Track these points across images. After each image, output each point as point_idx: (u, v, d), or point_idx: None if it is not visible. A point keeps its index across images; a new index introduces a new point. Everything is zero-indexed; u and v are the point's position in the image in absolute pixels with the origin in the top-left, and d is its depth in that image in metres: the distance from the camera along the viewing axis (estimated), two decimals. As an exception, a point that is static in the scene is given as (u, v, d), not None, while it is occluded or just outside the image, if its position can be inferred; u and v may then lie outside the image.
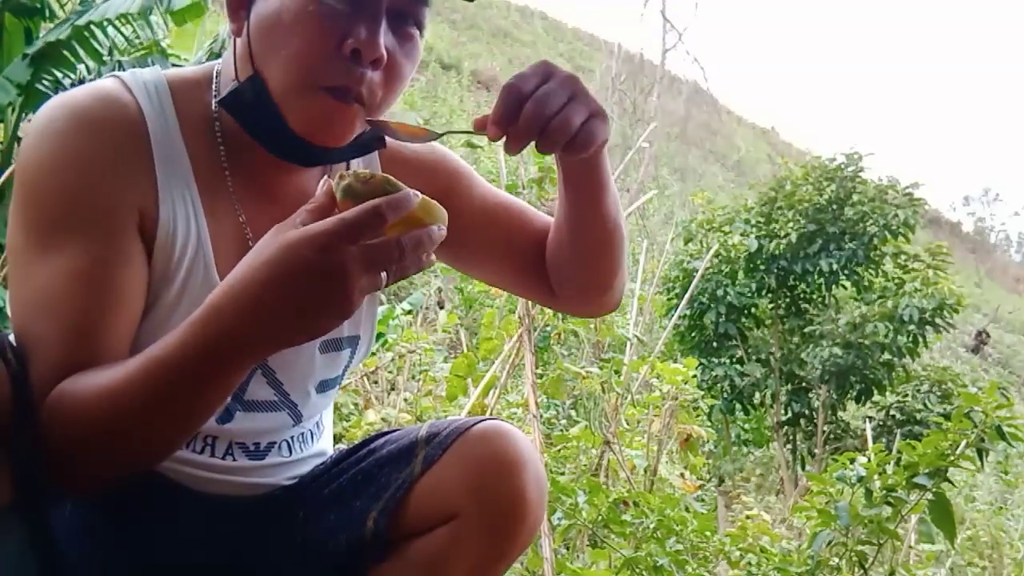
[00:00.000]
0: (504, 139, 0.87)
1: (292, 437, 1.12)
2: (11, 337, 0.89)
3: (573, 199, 1.04)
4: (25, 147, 0.92)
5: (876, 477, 2.22)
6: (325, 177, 0.78)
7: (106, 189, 0.91)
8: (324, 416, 1.20)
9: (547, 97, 0.86)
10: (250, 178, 1.01)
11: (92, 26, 3.64)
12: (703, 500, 4.22)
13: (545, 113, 0.85)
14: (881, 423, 6.58)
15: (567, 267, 1.13)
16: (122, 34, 4.06)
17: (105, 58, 3.96)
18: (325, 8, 0.89)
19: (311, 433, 1.16)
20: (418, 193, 0.78)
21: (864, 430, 5.50)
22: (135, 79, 0.97)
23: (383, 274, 0.77)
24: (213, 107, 0.99)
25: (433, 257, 0.81)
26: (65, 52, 3.70)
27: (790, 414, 6.99)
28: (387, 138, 1.05)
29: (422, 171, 1.13)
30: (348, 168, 1.10)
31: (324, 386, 1.11)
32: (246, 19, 0.94)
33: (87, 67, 4.01)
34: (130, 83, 0.96)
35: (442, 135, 0.94)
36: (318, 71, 0.91)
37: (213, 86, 1.00)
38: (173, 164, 0.96)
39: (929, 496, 2.18)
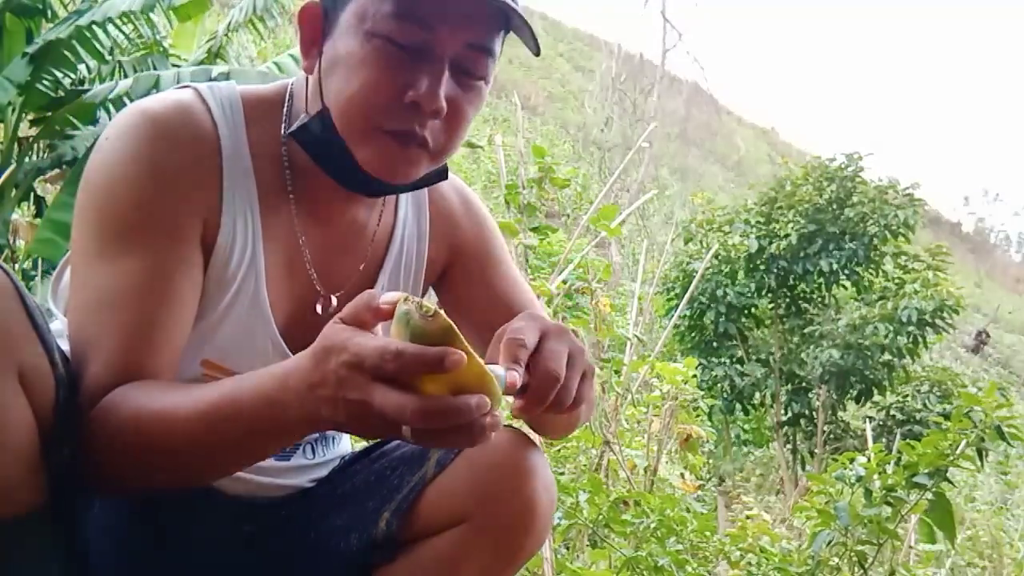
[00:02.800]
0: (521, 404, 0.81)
1: (316, 440, 1.15)
2: (61, 342, 0.90)
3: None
4: (100, 149, 0.94)
5: (876, 477, 2.22)
6: (398, 293, 0.73)
7: (176, 198, 0.93)
8: None
9: (556, 358, 0.81)
10: (312, 203, 1.03)
11: (94, 25, 3.63)
12: (703, 500, 4.22)
13: (559, 376, 0.80)
14: (881, 423, 6.59)
15: (531, 425, 1.12)
16: (123, 33, 4.06)
17: (107, 58, 3.96)
18: (390, 56, 0.91)
19: (333, 438, 1.19)
20: (464, 358, 0.69)
21: (864, 430, 5.50)
22: (212, 93, 0.99)
23: (404, 428, 0.71)
24: (283, 130, 1.01)
25: (498, 424, 0.72)
26: (65, 52, 3.69)
27: (790, 414, 7.00)
28: (442, 182, 1.07)
29: (460, 231, 1.16)
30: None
31: None
32: (318, 57, 0.96)
33: (88, 67, 4.01)
34: (206, 96, 0.98)
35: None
36: (379, 117, 0.93)
37: (284, 108, 1.02)
38: (239, 181, 0.98)
39: (929, 496, 2.18)
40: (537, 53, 0.99)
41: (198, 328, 0.97)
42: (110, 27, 3.81)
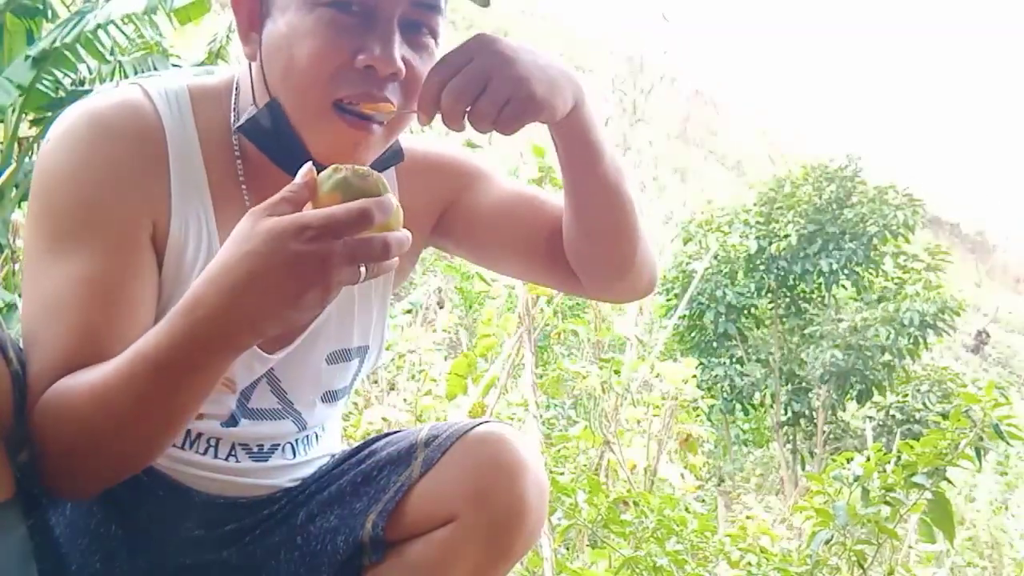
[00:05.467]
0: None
1: (296, 440, 1.12)
2: (16, 336, 0.90)
3: (566, 166, 1.03)
4: (44, 152, 0.92)
5: (875, 476, 2.22)
6: (308, 165, 0.80)
7: (121, 199, 0.91)
8: (330, 419, 1.19)
9: (461, 87, 0.86)
10: (267, 193, 1.00)
11: (98, 29, 3.63)
12: (703, 500, 4.22)
13: (458, 105, 0.86)
14: (881, 423, 6.59)
15: (581, 248, 1.09)
16: (124, 33, 4.06)
17: (107, 58, 3.96)
18: (336, 22, 0.88)
19: (316, 436, 1.15)
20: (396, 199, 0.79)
21: (864, 430, 5.50)
22: (156, 88, 0.96)
23: (362, 269, 0.78)
24: (232, 120, 0.99)
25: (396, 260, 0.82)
26: (67, 53, 3.69)
27: (790, 414, 7.00)
28: (402, 144, 1.05)
29: (440, 173, 1.13)
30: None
31: (330, 397, 1.11)
32: (258, 42, 0.93)
33: (88, 67, 4.01)
34: (151, 92, 0.96)
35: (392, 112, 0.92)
36: (332, 84, 0.89)
37: (232, 99, 0.99)
38: (189, 176, 0.96)
39: (928, 496, 2.18)
40: (485, 4, 0.96)
41: None
42: (112, 29, 3.81)
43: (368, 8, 0.89)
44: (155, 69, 3.98)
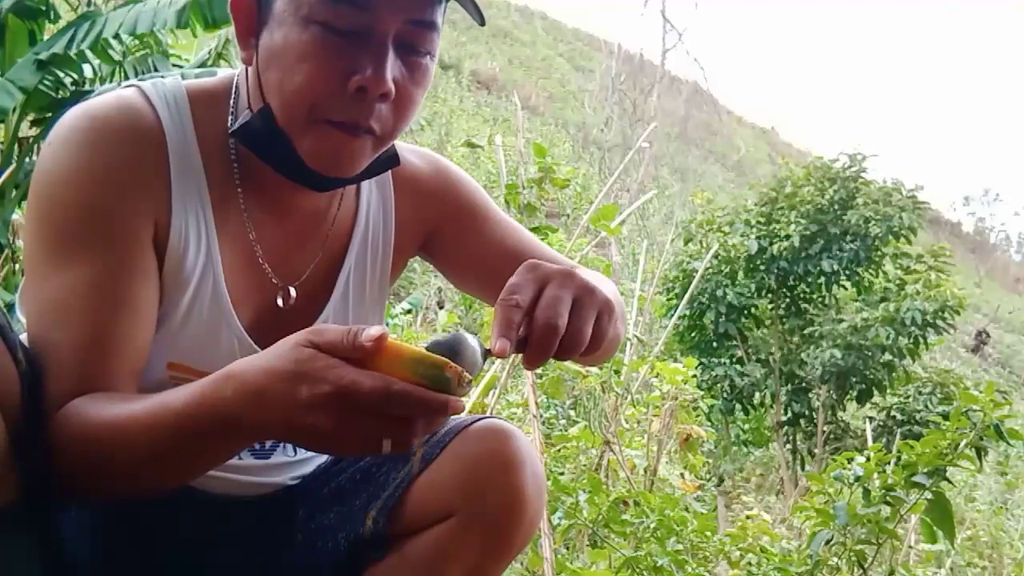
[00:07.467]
0: (522, 356, 0.82)
1: None
2: (23, 337, 0.90)
3: None
4: (44, 156, 0.92)
5: (875, 476, 2.23)
6: (381, 330, 0.73)
7: (123, 201, 0.91)
8: None
9: (554, 306, 0.81)
10: (262, 196, 1.01)
11: (113, 39, 3.60)
12: (703, 500, 4.22)
13: (558, 326, 0.80)
14: (881, 424, 6.58)
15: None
16: (134, 35, 4.03)
17: (115, 60, 3.94)
18: (330, 43, 0.88)
19: None
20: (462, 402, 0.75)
21: (864, 430, 5.51)
22: (155, 90, 0.97)
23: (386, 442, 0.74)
24: (229, 123, 0.99)
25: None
26: (74, 56, 3.67)
27: (790, 414, 6.99)
28: (402, 162, 1.06)
29: (434, 199, 1.14)
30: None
31: None
32: (255, 48, 0.94)
33: (93, 67, 4.00)
34: (150, 94, 0.96)
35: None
36: (324, 107, 0.90)
37: (231, 101, 1.00)
38: (188, 177, 0.96)
39: (928, 496, 2.18)
40: (482, 23, 0.96)
41: (161, 332, 0.95)
42: (125, 36, 3.77)
43: (362, 27, 0.88)
44: (155, 70, 3.97)
